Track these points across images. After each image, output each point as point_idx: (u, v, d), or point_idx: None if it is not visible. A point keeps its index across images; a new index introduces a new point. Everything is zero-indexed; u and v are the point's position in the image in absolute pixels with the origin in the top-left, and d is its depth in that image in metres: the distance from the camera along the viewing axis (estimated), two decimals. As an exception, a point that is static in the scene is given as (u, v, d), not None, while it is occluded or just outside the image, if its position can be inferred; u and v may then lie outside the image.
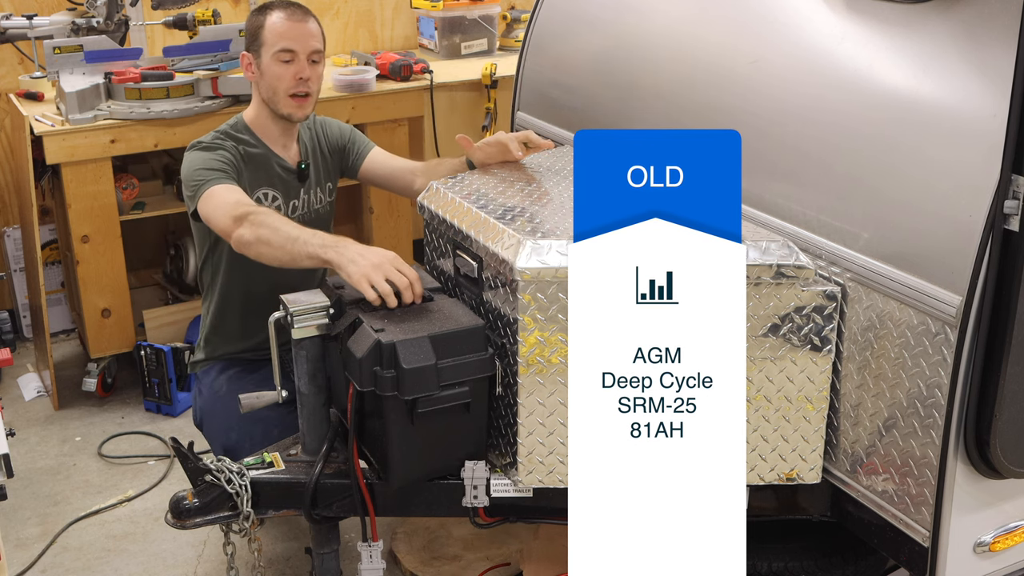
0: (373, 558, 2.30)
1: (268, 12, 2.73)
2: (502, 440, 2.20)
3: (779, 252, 2.08)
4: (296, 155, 2.84)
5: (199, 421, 2.82)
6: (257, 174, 2.76)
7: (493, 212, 2.26)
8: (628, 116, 2.70)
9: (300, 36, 2.69)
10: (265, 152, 2.78)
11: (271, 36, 2.69)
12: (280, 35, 2.68)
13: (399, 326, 2.12)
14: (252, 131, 2.78)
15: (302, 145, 2.86)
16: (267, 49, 2.70)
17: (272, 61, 2.69)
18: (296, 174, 2.82)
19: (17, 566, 2.89)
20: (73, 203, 3.49)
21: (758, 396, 2.12)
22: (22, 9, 3.84)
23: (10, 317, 4.22)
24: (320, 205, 2.91)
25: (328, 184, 2.94)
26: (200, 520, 2.23)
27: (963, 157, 1.93)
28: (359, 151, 2.96)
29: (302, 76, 2.69)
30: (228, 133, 2.77)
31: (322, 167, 2.91)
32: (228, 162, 2.66)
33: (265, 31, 2.70)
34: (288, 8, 2.73)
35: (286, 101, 2.71)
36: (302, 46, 2.69)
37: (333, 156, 2.94)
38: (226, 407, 2.67)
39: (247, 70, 2.77)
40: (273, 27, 2.70)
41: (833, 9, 2.27)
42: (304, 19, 2.73)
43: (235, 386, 2.72)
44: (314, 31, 2.73)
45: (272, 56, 2.69)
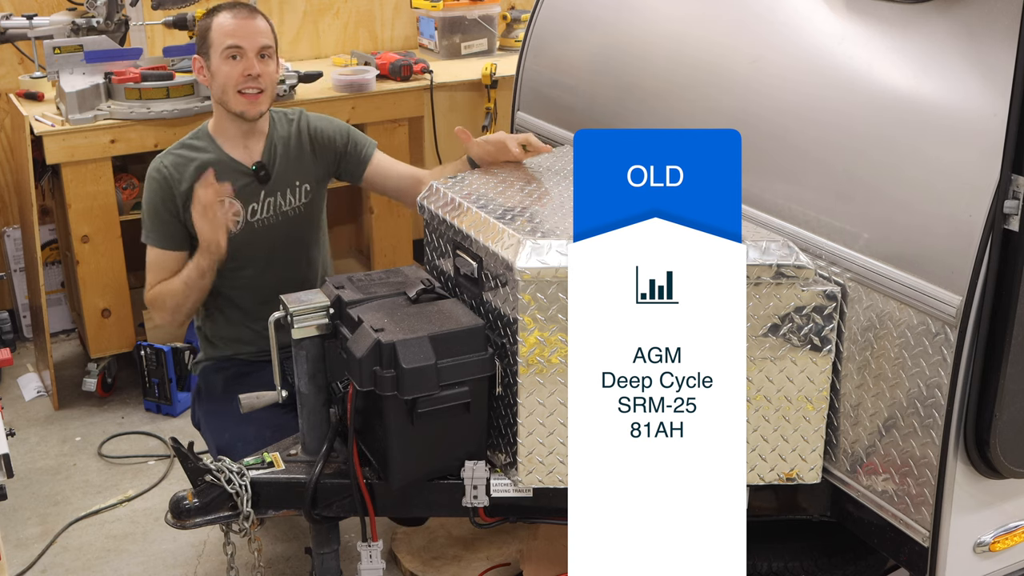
0: (373, 558, 2.30)
1: (215, 14, 2.73)
2: (502, 440, 2.20)
3: (779, 252, 2.08)
4: (257, 155, 2.79)
5: (197, 420, 2.82)
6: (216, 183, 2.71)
7: (493, 212, 2.26)
8: (628, 116, 2.70)
9: (247, 33, 2.68)
10: (220, 157, 2.74)
11: (218, 35, 2.68)
12: (226, 33, 2.67)
13: (399, 326, 2.12)
14: (212, 137, 2.77)
15: (269, 144, 2.79)
16: (215, 49, 2.68)
17: (220, 60, 2.68)
18: (252, 176, 2.76)
19: (17, 566, 2.89)
20: (73, 203, 3.49)
21: (758, 396, 2.12)
22: (22, 9, 3.84)
23: (10, 317, 4.22)
24: (289, 207, 2.81)
25: (304, 185, 2.83)
26: (200, 520, 2.23)
27: (963, 157, 1.93)
28: (361, 155, 2.89)
29: (250, 72, 2.67)
30: (187, 144, 2.77)
31: (296, 166, 2.82)
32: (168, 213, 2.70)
33: (212, 32, 2.70)
34: (234, 8, 2.72)
35: (236, 98, 2.68)
36: (249, 43, 2.67)
37: (319, 155, 2.86)
38: (221, 407, 2.68)
39: (199, 73, 2.76)
40: (220, 27, 2.69)
41: (833, 9, 2.27)
42: (251, 16, 2.71)
43: (232, 386, 2.72)
44: (262, 28, 2.71)
45: (220, 55, 2.67)
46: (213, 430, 2.69)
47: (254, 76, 2.67)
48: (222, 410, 2.67)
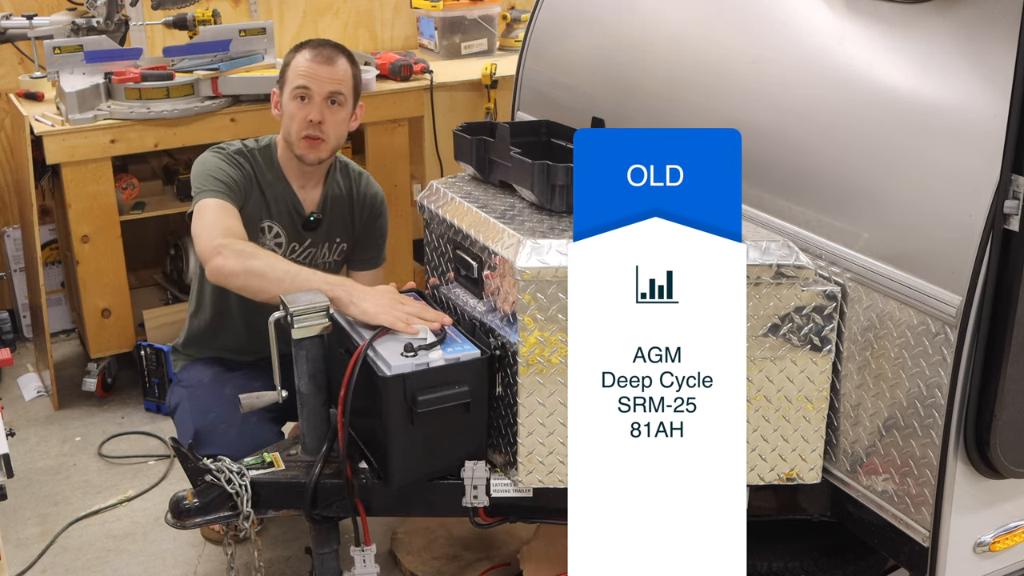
0: (367, 562, 2.29)
1: (299, 50, 2.69)
2: (502, 440, 2.20)
3: (779, 252, 2.08)
4: (314, 203, 2.77)
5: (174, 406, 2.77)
6: (267, 204, 2.72)
7: (493, 212, 2.26)
8: (628, 116, 2.70)
9: (318, 77, 2.63)
10: (283, 186, 2.73)
11: (292, 74, 2.65)
12: (299, 73, 2.64)
13: None
14: (278, 161, 2.74)
15: (326, 195, 2.78)
16: (288, 86, 2.66)
17: (289, 99, 2.65)
18: (303, 222, 2.76)
19: (17, 566, 2.89)
20: (73, 203, 3.49)
21: (758, 396, 2.12)
22: (22, 9, 3.84)
23: (10, 317, 4.22)
24: (322, 260, 2.82)
25: (342, 244, 2.84)
26: (200, 520, 2.23)
27: (963, 157, 1.93)
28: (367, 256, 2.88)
29: (312, 118, 2.63)
30: (254, 152, 2.73)
31: (339, 224, 2.82)
32: (236, 181, 2.62)
33: (289, 68, 2.67)
34: (318, 48, 2.67)
35: (298, 141, 2.66)
36: (319, 87, 2.63)
37: (359, 217, 2.85)
38: (204, 390, 2.67)
39: (274, 107, 2.74)
40: (296, 65, 2.65)
41: (833, 9, 2.27)
42: (329, 60, 2.65)
43: (219, 375, 2.74)
44: (337, 74, 2.65)
45: (289, 94, 2.65)
46: (195, 412, 2.65)
47: (315, 123, 2.63)
48: (204, 394, 2.67)
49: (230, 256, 2.35)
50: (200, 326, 2.85)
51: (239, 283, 2.35)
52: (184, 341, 2.90)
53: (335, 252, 2.85)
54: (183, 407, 2.72)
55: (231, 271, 2.35)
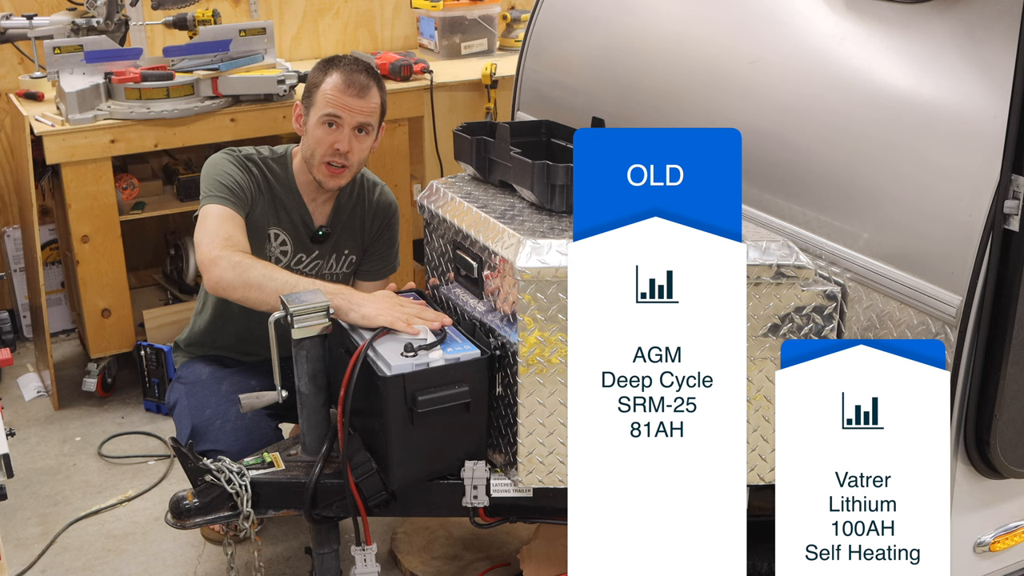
0: (368, 561, 2.29)
1: (329, 71, 2.61)
2: (502, 440, 2.20)
3: (779, 252, 2.08)
4: (325, 217, 2.75)
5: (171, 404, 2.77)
6: (276, 212, 2.70)
7: (493, 212, 2.26)
8: (628, 116, 2.70)
9: (350, 107, 2.58)
10: (294, 198, 2.71)
11: (322, 98, 2.59)
12: (329, 101, 2.58)
13: None
14: (292, 172, 2.72)
15: (337, 207, 2.76)
16: (316, 108, 2.60)
17: (316, 123, 2.60)
18: (311, 235, 2.74)
19: (17, 566, 2.89)
20: (73, 203, 3.49)
21: (758, 396, 2.12)
22: (22, 9, 3.84)
23: (10, 317, 4.22)
24: (330, 272, 2.80)
25: (351, 256, 2.82)
26: (200, 520, 2.23)
27: (963, 157, 1.93)
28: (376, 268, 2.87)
29: (339, 147, 2.59)
30: (267, 160, 2.70)
31: (348, 236, 2.80)
32: (243, 187, 2.60)
33: (319, 90, 2.60)
34: (351, 74, 2.59)
35: (320, 167, 2.63)
36: (349, 117, 2.58)
37: (370, 228, 2.83)
38: (205, 388, 2.67)
39: (296, 120, 2.70)
40: (326, 91, 2.59)
41: (833, 9, 2.27)
42: (361, 93, 2.58)
43: (217, 372, 2.74)
44: (367, 106, 2.60)
45: (317, 119, 2.60)
46: (193, 408, 2.65)
47: (343, 152, 2.60)
48: (202, 390, 2.67)
49: (227, 269, 2.37)
50: (202, 325, 2.85)
51: (238, 296, 2.37)
52: (186, 339, 2.90)
53: (343, 264, 2.83)
54: (181, 403, 2.71)
55: (229, 284, 2.37)
